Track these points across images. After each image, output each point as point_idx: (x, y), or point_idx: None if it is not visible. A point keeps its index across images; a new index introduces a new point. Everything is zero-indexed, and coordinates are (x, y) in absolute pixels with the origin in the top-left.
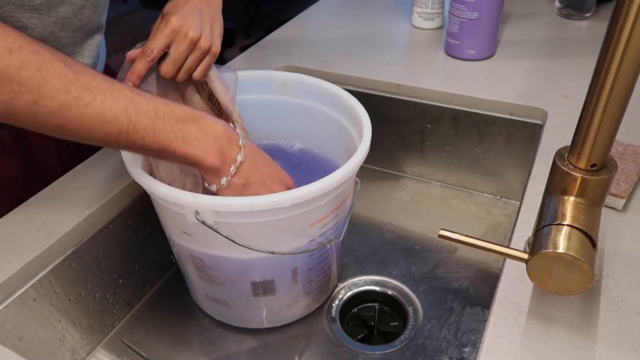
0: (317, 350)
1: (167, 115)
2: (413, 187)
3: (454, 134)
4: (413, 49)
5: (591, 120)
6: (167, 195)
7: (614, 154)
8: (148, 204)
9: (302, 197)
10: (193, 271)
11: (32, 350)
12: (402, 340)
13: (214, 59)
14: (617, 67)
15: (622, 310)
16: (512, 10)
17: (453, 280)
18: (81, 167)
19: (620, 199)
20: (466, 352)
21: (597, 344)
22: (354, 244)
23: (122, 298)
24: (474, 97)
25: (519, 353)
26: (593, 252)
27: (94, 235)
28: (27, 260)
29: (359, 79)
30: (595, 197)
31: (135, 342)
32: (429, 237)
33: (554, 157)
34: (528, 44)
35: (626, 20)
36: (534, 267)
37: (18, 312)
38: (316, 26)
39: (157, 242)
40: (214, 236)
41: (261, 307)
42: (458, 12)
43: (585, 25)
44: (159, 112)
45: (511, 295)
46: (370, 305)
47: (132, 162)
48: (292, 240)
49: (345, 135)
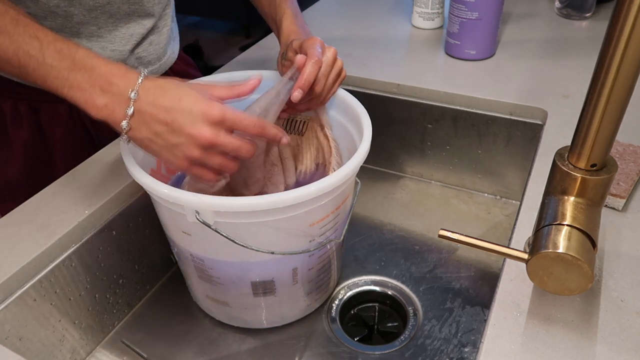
0: (317, 350)
1: (57, 62)
2: (413, 187)
3: (454, 134)
4: (413, 49)
5: (591, 120)
6: (167, 195)
7: (614, 154)
8: (148, 204)
9: (302, 197)
10: (193, 271)
11: (32, 350)
12: (402, 340)
13: (341, 82)
14: (617, 67)
15: (622, 310)
16: (512, 10)
17: (453, 280)
18: (81, 167)
19: (620, 199)
20: (466, 352)
21: (597, 344)
22: (354, 244)
23: (122, 298)
24: (473, 97)
25: (519, 353)
26: (593, 252)
27: (94, 235)
28: (27, 260)
29: (359, 79)
30: (595, 197)
31: (135, 342)
32: (429, 237)
33: (554, 157)
34: (528, 44)
35: (626, 20)
36: (534, 267)
37: (18, 312)
38: (316, 26)
39: (157, 242)
40: (214, 236)
41: (261, 307)
42: (458, 12)
43: (585, 25)
44: (48, 59)
45: (511, 295)
46: (370, 305)
47: (132, 162)
48: (292, 240)
49: (345, 135)
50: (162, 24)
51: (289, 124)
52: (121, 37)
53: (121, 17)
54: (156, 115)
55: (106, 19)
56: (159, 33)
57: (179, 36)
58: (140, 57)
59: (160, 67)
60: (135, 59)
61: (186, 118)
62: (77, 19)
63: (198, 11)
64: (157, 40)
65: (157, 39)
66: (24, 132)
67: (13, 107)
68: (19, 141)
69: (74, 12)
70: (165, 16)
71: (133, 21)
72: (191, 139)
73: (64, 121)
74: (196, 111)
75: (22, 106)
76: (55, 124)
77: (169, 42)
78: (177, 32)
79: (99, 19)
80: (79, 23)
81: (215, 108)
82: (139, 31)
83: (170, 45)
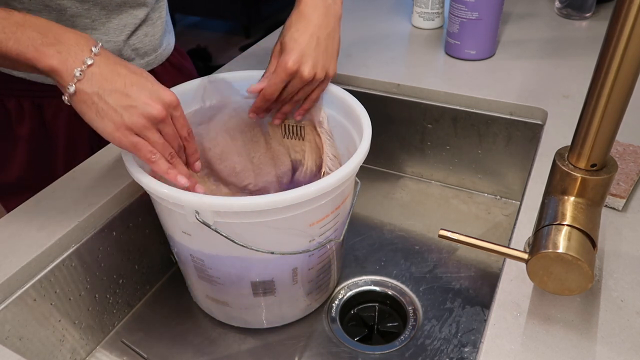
0: (317, 350)
1: (3, 19)
2: (413, 187)
3: (454, 134)
4: (413, 49)
5: (591, 120)
6: (167, 195)
7: (614, 154)
8: (148, 204)
9: (302, 197)
10: (193, 271)
11: (32, 350)
12: (402, 340)
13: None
14: (617, 67)
15: (622, 310)
16: (512, 10)
17: (453, 280)
18: (81, 167)
19: (620, 199)
20: (466, 352)
21: (597, 344)
22: (354, 244)
23: (122, 298)
24: (473, 97)
25: (519, 353)
26: (593, 252)
27: (94, 235)
28: (27, 260)
29: (359, 79)
30: (595, 197)
31: (135, 342)
32: (429, 237)
33: (554, 157)
34: (528, 44)
35: (626, 20)
36: (534, 267)
37: (18, 312)
38: None
39: (157, 242)
40: (214, 236)
41: (261, 307)
42: (458, 12)
43: (585, 25)
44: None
45: (511, 295)
46: (370, 305)
47: (132, 162)
48: (292, 240)
49: (345, 135)
50: (155, 15)
51: (288, 130)
52: (114, 28)
53: (113, 8)
54: (117, 72)
55: (99, 11)
56: (154, 25)
57: (173, 29)
58: (136, 49)
59: (157, 58)
60: (132, 50)
61: (145, 88)
62: (71, 12)
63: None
64: (152, 31)
65: (152, 30)
66: (27, 129)
67: (17, 104)
68: (23, 138)
69: (66, 4)
70: (159, 8)
71: (125, 12)
72: (144, 106)
73: (67, 115)
74: (156, 88)
75: (25, 103)
76: (59, 118)
77: (164, 34)
78: (171, 25)
79: (92, 11)
80: (73, 16)
81: (172, 94)
82: (131, 21)
83: (165, 37)
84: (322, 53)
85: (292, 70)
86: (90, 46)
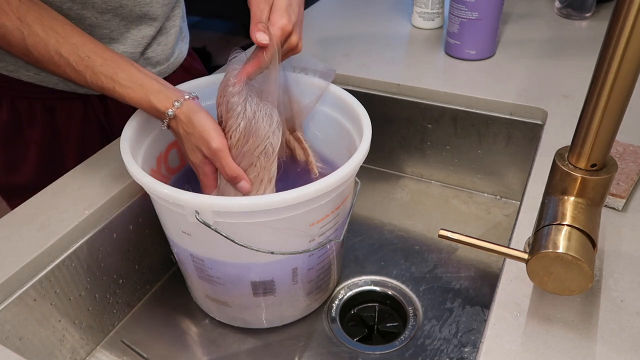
0: (317, 350)
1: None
2: (413, 187)
3: (454, 134)
4: (413, 49)
5: (591, 120)
6: (167, 195)
7: (614, 154)
8: (148, 204)
9: (302, 197)
10: (193, 271)
11: (32, 350)
12: (402, 340)
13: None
14: (617, 67)
15: (622, 310)
16: (512, 10)
17: (453, 280)
18: (81, 167)
19: (620, 199)
20: (466, 352)
21: (597, 344)
22: (354, 244)
23: (122, 298)
24: (473, 97)
25: (519, 353)
26: (593, 252)
27: (94, 235)
28: (27, 260)
29: (359, 79)
30: (595, 197)
31: (135, 342)
32: (429, 237)
33: (554, 157)
34: (528, 44)
35: (626, 20)
36: (534, 267)
37: (18, 312)
38: (316, 26)
39: (157, 242)
40: (214, 236)
41: (261, 307)
42: (458, 12)
43: (585, 25)
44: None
45: (511, 295)
46: (370, 305)
47: (132, 162)
48: (292, 240)
49: (345, 135)
50: (170, 24)
51: None
52: (132, 40)
53: (133, 19)
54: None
55: (118, 22)
56: (167, 34)
57: (188, 35)
58: (148, 58)
59: (169, 67)
60: (144, 59)
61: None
62: (90, 22)
63: (198, 11)
64: (165, 40)
65: (164, 39)
66: (39, 132)
67: (28, 106)
68: (34, 141)
69: (86, 15)
70: (174, 17)
71: (144, 23)
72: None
73: (78, 117)
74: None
75: (36, 106)
76: (70, 121)
77: (176, 42)
78: (187, 32)
79: (111, 22)
80: (91, 25)
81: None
82: (149, 33)
83: (178, 45)
84: (293, 16)
85: (288, 31)
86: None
